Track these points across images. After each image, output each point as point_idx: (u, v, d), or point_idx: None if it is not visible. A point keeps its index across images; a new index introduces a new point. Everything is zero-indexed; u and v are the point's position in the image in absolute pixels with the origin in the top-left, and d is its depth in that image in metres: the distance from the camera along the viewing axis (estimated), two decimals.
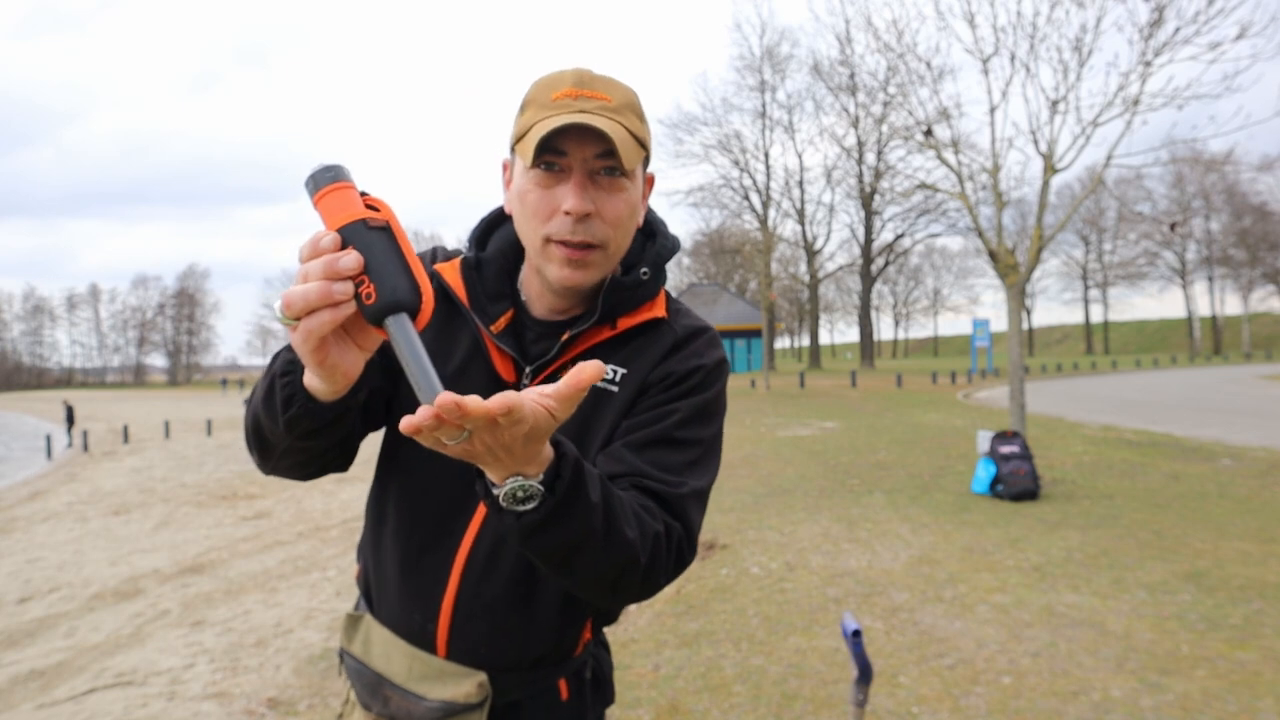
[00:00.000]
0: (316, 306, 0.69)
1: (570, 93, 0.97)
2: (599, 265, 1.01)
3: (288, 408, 0.86)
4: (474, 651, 1.05)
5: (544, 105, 0.98)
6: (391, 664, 1.07)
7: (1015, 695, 3.38)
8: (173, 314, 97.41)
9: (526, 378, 1.04)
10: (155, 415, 32.66)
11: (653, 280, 1.09)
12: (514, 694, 1.07)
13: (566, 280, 1.00)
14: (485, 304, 1.07)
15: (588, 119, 0.93)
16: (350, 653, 1.11)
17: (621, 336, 1.07)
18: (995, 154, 8.71)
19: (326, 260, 0.69)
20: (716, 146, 44.43)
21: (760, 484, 8.86)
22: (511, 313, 1.07)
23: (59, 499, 12.18)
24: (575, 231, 0.97)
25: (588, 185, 0.97)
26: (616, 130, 0.95)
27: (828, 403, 21.37)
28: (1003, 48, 8.58)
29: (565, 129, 0.94)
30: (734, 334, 45.83)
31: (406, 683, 1.05)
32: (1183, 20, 7.77)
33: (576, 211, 0.96)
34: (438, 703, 1.03)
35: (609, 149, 0.95)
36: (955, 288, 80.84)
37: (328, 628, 5.19)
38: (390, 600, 1.09)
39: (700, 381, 1.06)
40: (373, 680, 1.07)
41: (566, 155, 0.96)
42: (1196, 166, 40.21)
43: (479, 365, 1.05)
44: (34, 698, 4.26)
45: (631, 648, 4.10)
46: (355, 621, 1.13)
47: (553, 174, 0.97)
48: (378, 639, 1.09)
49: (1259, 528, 6.12)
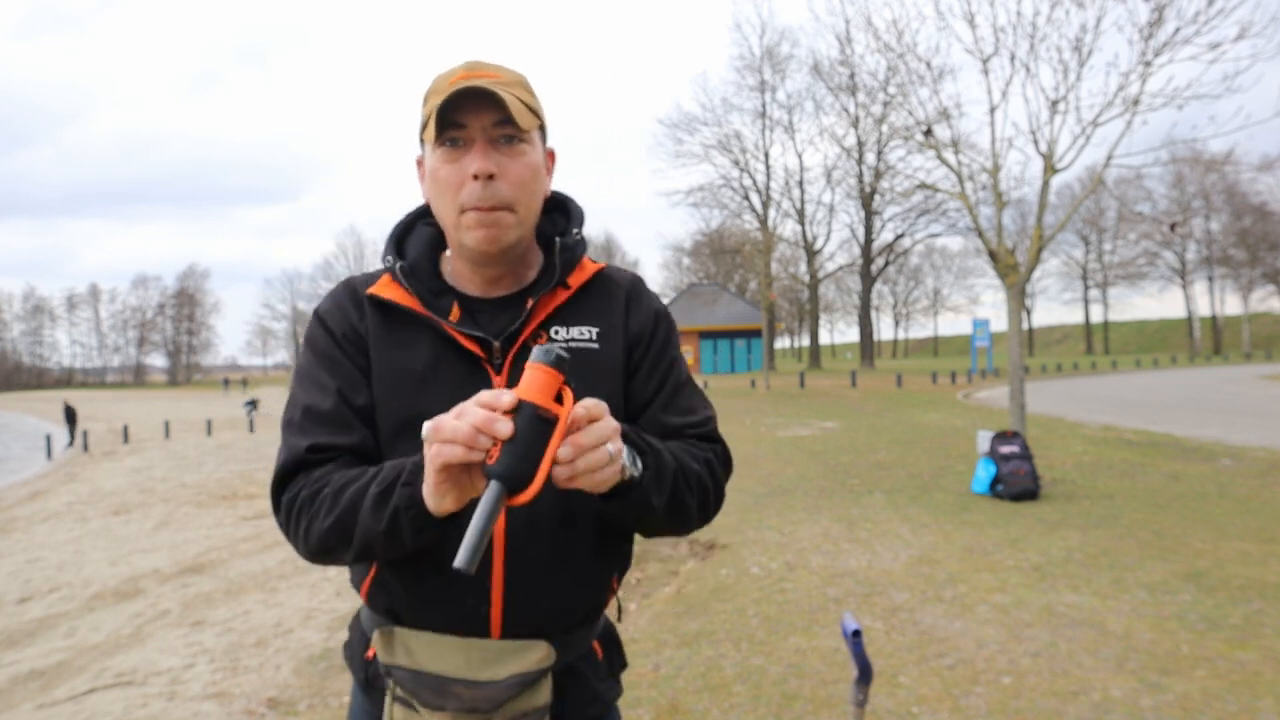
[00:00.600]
0: (456, 441, 0.82)
1: (463, 75, 1.07)
2: (511, 226, 1.08)
3: (419, 534, 0.95)
4: (530, 620, 1.06)
5: (441, 91, 1.06)
6: (447, 662, 1.05)
7: (1015, 695, 3.38)
8: (173, 314, 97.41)
9: (497, 354, 1.09)
10: (155, 415, 32.67)
11: (582, 241, 1.19)
12: (567, 657, 1.09)
13: (483, 243, 1.07)
14: (433, 301, 1.11)
15: (479, 84, 1.03)
16: (397, 665, 1.07)
17: (576, 296, 1.15)
18: (995, 154, 8.71)
19: (489, 416, 0.82)
20: (716, 146, 44.47)
21: (760, 484, 8.86)
22: (458, 303, 1.13)
23: (59, 499, 12.18)
24: (484, 197, 1.05)
25: (490, 150, 1.05)
26: (506, 95, 1.03)
27: (828, 403, 21.38)
28: (1003, 48, 8.58)
29: (461, 95, 1.02)
30: (734, 334, 45.84)
31: (470, 674, 1.04)
32: (1183, 20, 7.77)
33: (481, 172, 1.04)
34: (511, 678, 1.03)
35: (505, 116, 1.04)
36: (955, 288, 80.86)
37: (328, 628, 5.19)
38: (428, 600, 1.06)
39: (668, 324, 1.22)
40: (434, 682, 1.04)
41: (466, 127, 1.05)
42: (1196, 166, 40.23)
43: (449, 357, 1.09)
44: (34, 698, 4.26)
45: (631, 648, 4.10)
46: (389, 636, 1.09)
47: (458, 149, 1.06)
48: (421, 644, 1.07)
49: (1259, 528, 6.12)
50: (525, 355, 1.06)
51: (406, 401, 1.07)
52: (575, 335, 1.12)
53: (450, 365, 1.08)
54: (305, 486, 1.02)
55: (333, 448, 1.05)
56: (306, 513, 1.01)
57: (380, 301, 1.11)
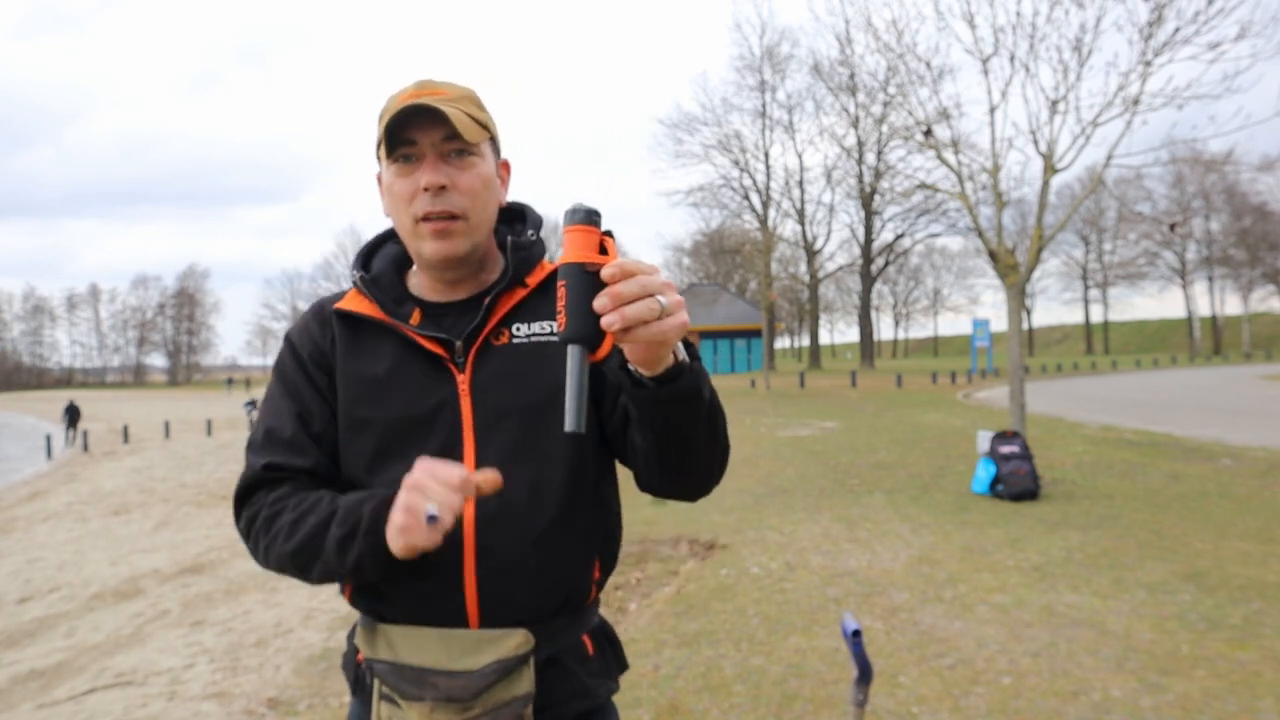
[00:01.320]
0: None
1: (412, 94, 1.11)
2: (464, 234, 1.11)
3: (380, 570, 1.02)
4: (507, 607, 1.08)
5: (392, 110, 1.09)
6: (426, 654, 1.07)
7: (1015, 695, 3.38)
8: (173, 314, 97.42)
9: (459, 354, 1.12)
10: (155, 415, 32.68)
11: (540, 243, 1.22)
12: (549, 648, 1.10)
13: (438, 252, 1.11)
14: (395, 309, 1.16)
15: (424, 102, 1.07)
16: (379, 659, 1.11)
17: (535, 293, 1.17)
18: (995, 154, 8.71)
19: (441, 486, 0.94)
20: (716, 146, 44.50)
21: (760, 484, 8.86)
22: (419, 309, 1.17)
23: (59, 499, 12.18)
24: (435, 204, 1.09)
25: (440, 164, 1.10)
26: (453, 111, 1.07)
27: (828, 403, 21.38)
28: (1002, 48, 8.58)
29: (407, 114, 1.07)
30: (734, 334, 45.82)
31: (449, 664, 1.06)
32: (1183, 20, 7.77)
33: (431, 185, 1.08)
34: (490, 665, 1.05)
35: (452, 131, 1.07)
36: (955, 288, 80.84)
37: (328, 628, 5.19)
38: (405, 591, 1.09)
39: None
40: (413, 674, 1.07)
41: (417, 144, 1.09)
42: (1196, 166, 40.23)
43: (412, 360, 1.13)
44: (34, 698, 4.27)
45: (631, 648, 4.10)
46: (372, 632, 1.12)
47: (410, 164, 1.10)
48: (401, 637, 1.09)
49: (1259, 528, 6.12)
50: (487, 353, 1.12)
51: (368, 405, 1.12)
52: (536, 330, 1.15)
53: (412, 367, 1.12)
54: (264, 507, 1.10)
55: (288, 468, 1.13)
56: (265, 536, 1.08)
57: (345, 315, 1.17)
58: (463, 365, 1.12)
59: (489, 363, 1.12)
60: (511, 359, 1.12)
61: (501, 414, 1.10)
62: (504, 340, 1.14)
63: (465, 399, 1.10)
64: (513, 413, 1.10)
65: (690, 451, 1.04)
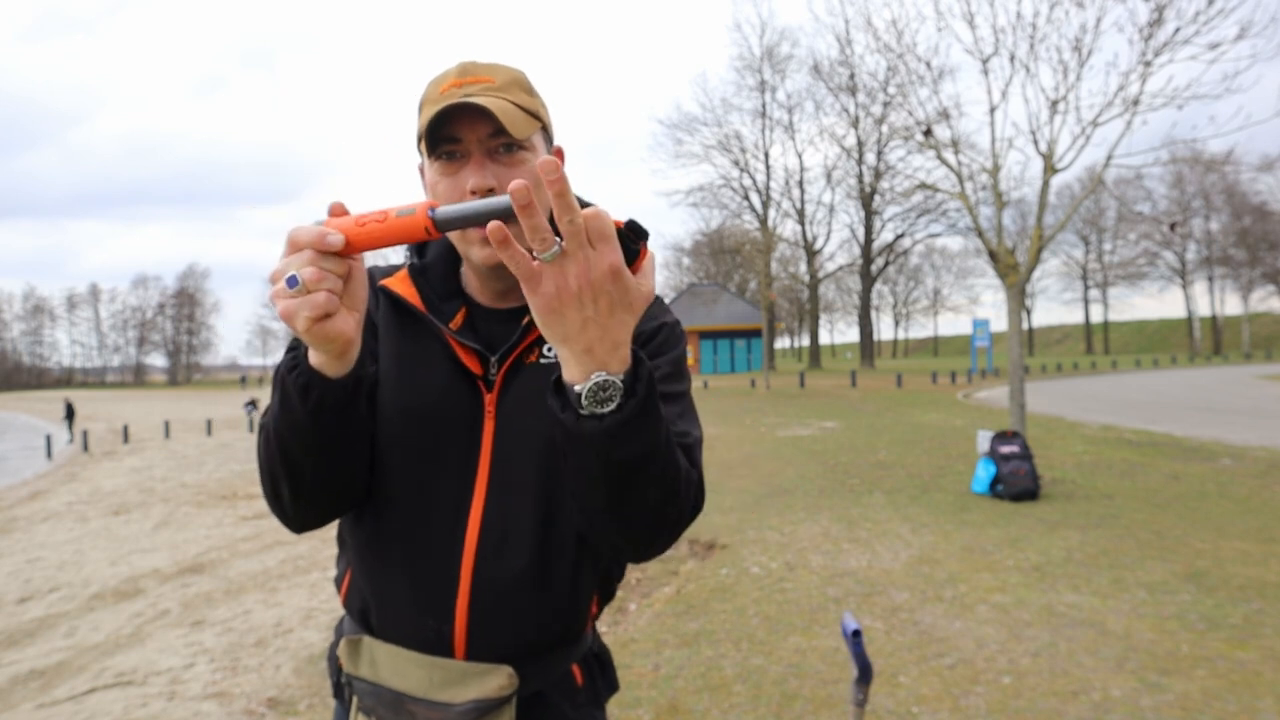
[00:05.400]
0: (312, 286, 0.79)
1: (455, 83, 1.02)
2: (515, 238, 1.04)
3: (306, 395, 0.90)
4: (495, 644, 1.03)
5: (434, 100, 1.02)
6: (408, 679, 1.03)
7: (1015, 695, 3.38)
8: (173, 314, 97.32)
9: (494, 367, 1.06)
10: (155, 415, 32.67)
11: None
12: (535, 683, 1.06)
13: (488, 259, 1.03)
14: (439, 305, 1.11)
15: (467, 99, 0.98)
16: (359, 676, 1.07)
17: None
18: (995, 154, 8.71)
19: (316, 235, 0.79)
20: (716, 146, 44.47)
21: (760, 484, 8.85)
22: (465, 309, 1.11)
23: (59, 499, 12.18)
24: None
25: (487, 163, 1.01)
26: (499, 104, 0.98)
27: (828, 403, 21.37)
28: (1002, 48, 8.59)
29: (448, 113, 0.98)
30: (734, 334, 45.81)
31: (429, 693, 1.02)
32: (1183, 20, 7.77)
33: (479, 189, 0.99)
34: (468, 704, 1.01)
35: (498, 126, 0.99)
36: (955, 288, 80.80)
37: (328, 627, 5.19)
38: (396, 613, 1.06)
39: (667, 338, 1.11)
40: (392, 698, 1.04)
41: (461, 141, 1.01)
42: (1196, 166, 40.15)
43: (444, 363, 1.08)
44: (34, 698, 4.26)
45: (631, 648, 4.10)
46: (355, 645, 1.08)
47: (454, 161, 1.02)
48: (385, 657, 1.06)
49: (1259, 528, 6.12)
50: (518, 373, 1.06)
51: (392, 389, 1.07)
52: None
53: (443, 370, 1.07)
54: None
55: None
56: (262, 435, 0.99)
57: (390, 294, 1.12)
58: (492, 384, 1.07)
59: (517, 382, 1.06)
60: (538, 380, 1.05)
61: (522, 439, 1.04)
62: (534, 359, 1.08)
63: (490, 420, 1.06)
64: (533, 437, 1.03)
65: (627, 499, 0.91)
